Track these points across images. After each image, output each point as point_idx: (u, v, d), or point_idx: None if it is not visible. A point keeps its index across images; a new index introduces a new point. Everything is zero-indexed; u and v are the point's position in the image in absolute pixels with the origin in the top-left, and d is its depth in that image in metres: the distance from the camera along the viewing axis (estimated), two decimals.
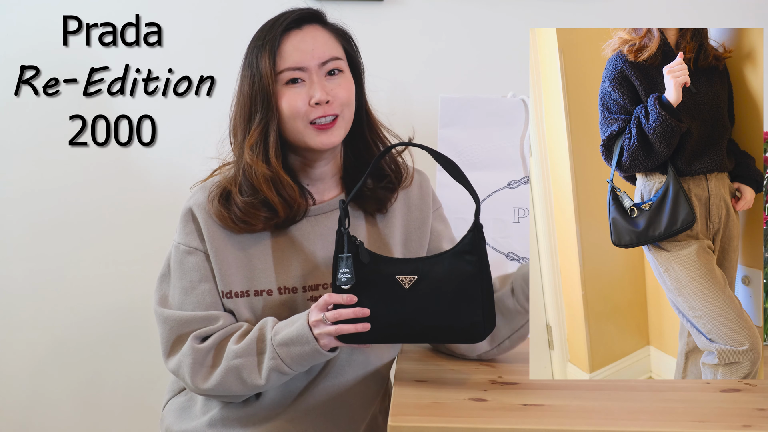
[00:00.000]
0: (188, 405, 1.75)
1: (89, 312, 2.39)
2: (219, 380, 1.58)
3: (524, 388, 1.57)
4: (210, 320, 1.62)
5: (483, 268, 1.54)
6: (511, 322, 1.67)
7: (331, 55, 1.63)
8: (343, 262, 1.52)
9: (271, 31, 1.63)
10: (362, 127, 1.71)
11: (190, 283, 1.64)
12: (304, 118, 1.61)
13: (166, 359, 1.63)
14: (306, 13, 1.65)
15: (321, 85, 1.61)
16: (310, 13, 1.66)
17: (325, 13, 1.68)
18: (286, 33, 1.63)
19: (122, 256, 2.37)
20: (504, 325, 1.67)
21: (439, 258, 1.54)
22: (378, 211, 1.73)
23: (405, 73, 2.28)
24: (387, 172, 1.72)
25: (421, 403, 1.49)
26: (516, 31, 2.28)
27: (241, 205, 1.62)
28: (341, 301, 1.51)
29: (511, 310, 1.66)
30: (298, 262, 1.67)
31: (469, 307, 1.52)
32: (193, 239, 1.65)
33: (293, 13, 1.65)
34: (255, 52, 1.63)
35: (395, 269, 1.53)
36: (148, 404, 2.37)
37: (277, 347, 1.55)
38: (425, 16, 2.29)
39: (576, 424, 1.41)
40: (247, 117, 1.63)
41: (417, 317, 1.52)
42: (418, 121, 1.99)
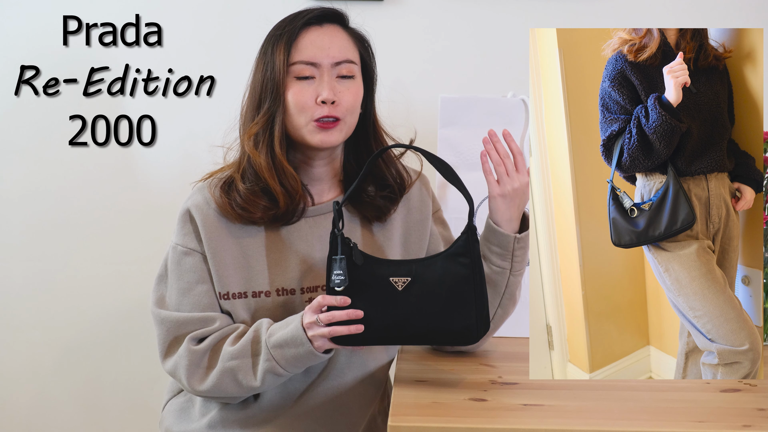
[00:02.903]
0: (187, 406, 1.75)
1: (89, 312, 2.39)
2: (215, 382, 1.59)
3: (524, 388, 1.57)
4: (207, 322, 1.62)
5: (476, 270, 1.54)
6: (496, 287, 1.67)
7: (345, 57, 1.63)
8: (337, 263, 1.52)
9: (292, 23, 1.63)
10: (367, 136, 1.71)
11: (187, 284, 1.64)
12: (307, 115, 1.61)
13: (163, 360, 1.64)
14: (329, 11, 1.66)
15: (330, 85, 1.61)
16: (333, 13, 1.66)
17: (348, 16, 1.68)
18: (305, 27, 1.63)
19: (122, 256, 2.37)
20: (492, 296, 1.67)
21: (432, 260, 1.55)
22: (377, 219, 1.73)
23: (405, 73, 2.28)
24: (389, 182, 1.72)
25: (420, 403, 1.49)
26: (516, 31, 2.28)
27: (243, 192, 1.62)
28: (335, 302, 1.51)
29: (490, 276, 1.67)
30: (295, 264, 1.67)
31: (463, 308, 1.52)
32: (191, 240, 1.65)
33: (317, 9, 1.65)
34: (272, 42, 1.63)
35: (389, 271, 1.53)
36: (148, 404, 2.37)
37: (272, 349, 1.55)
38: (425, 16, 2.29)
39: (576, 424, 1.41)
40: (256, 105, 1.64)
41: (410, 319, 1.52)
42: (418, 120, 2.00)
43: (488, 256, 1.67)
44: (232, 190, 1.64)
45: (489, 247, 1.67)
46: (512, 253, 1.66)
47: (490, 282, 1.67)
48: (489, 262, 1.67)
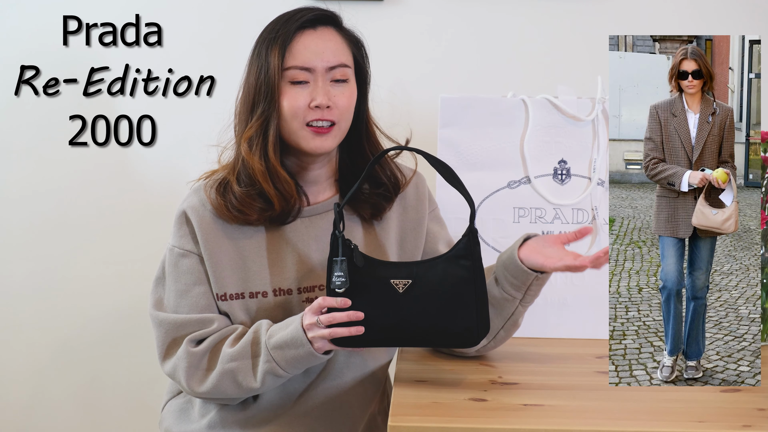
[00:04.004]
0: (187, 407, 1.75)
1: (89, 312, 2.39)
2: (214, 383, 1.58)
3: (524, 388, 1.57)
4: (205, 323, 1.62)
5: (477, 273, 1.53)
6: (502, 311, 1.66)
7: (339, 61, 1.63)
8: (338, 265, 1.52)
9: (286, 26, 1.62)
10: (360, 137, 1.71)
11: (185, 286, 1.64)
12: (301, 119, 1.61)
13: (162, 362, 1.64)
14: (323, 14, 1.65)
15: (324, 90, 1.61)
16: (326, 15, 1.66)
17: (341, 18, 1.68)
18: (299, 31, 1.63)
19: (122, 256, 2.37)
20: (496, 316, 1.65)
21: (433, 262, 1.54)
22: (373, 217, 1.73)
23: (405, 73, 2.28)
24: (383, 181, 1.72)
25: (420, 403, 1.49)
26: (516, 31, 2.28)
27: (238, 194, 1.62)
28: (335, 304, 1.51)
29: (499, 299, 1.64)
30: (292, 264, 1.67)
31: (463, 311, 1.52)
32: (187, 242, 1.65)
33: (310, 11, 1.64)
34: (266, 44, 1.63)
35: (390, 273, 1.53)
36: (148, 404, 2.37)
37: (272, 350, 1.55)
38: (425, 16, 2.29)
39: (576, 424, 1.41)
40: (249, 107, 1.63)
41: (411, 321, 1.52)
42: (418, 120, 2.00)
43: (502, 282, 1.63)
44: (227, 191, 1.64)
45: (506, 275, 1.62)
46: (527, 288, 1.63)
47: (497, 304, 1.64)
48: (501, 287, 1.64)
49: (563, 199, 1.97)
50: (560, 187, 1.98)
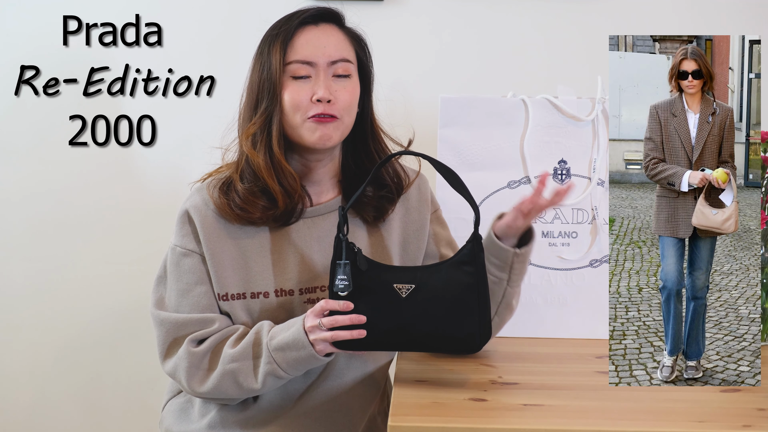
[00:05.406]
0: (187, 407, 1.75)
1: (89, 312, 2.39)
2: (215, 384, 1.58)
3: (524, 388, 1.57)
4: (206, 323, 1.62)
5: (480, 279, 1.54)
6: (492, 296, 1.66)
7: (341, 56, 1.63)
8: (341, 268, 1.52)
9: (288, 23, 1.63)
10: (365, 135, 1.71)
11: (186, 285, 1.64)
12: (303, 113, 1.61)
13: (163, 362, 1.64)
14: (325, 11, 1.66)
15: (326, 84, 1.61)
16: (329, 13, 1.66)
17: (344, 16, 1.68)
18: (301, 27, 1.63)
19: (122, 256, 2.37)
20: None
21: (437, 267, 1.54)
22: (376, 220, 1.72)
23: (405, 73, 2.28)
24: (387, 182, 1.72)
25: (421, 403, 1.49)
26: (516, 31, 2.28)
27: (241, 192, 1.62)
28: (338, 307, 1.51)
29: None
30: (294, 265, 1.67)
31: (466, 317, 1.52)
32: (189, 241, 1.65)
33: (312, 9, 1.65)
34: (268, 42, 1.63)
35: (393, 277, 1.53)
36: (148, 404, 2.37)
37: (273, 352, 1.55)
38: (425, 16, 2.29)
39: (576, 424, 1.41)
40: (253, 105, 1.64)
41: (413, 326, 1.52)
42: (418, 121, 1.99)
43: (487, 266, 1.65)
44: (230, 190, 1.64)
45: (488, 257, 1.64)
46: (510, 267, 1.65)
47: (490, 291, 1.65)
48: (490, 272, 1.65)
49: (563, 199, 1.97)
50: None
